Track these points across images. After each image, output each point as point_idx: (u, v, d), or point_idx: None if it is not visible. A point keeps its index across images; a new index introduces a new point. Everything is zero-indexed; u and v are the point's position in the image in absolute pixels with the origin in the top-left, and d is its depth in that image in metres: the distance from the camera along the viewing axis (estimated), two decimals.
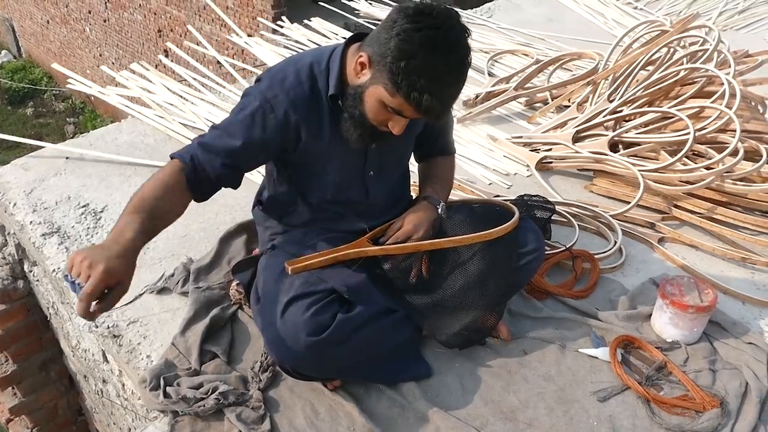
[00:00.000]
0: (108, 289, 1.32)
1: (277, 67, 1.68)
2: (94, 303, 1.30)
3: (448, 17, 1.45)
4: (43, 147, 2.85)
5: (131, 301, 2.04)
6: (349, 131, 1.62)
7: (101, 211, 2.42)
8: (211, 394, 1.69)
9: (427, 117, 1.52)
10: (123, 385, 2.11)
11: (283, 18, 4.48)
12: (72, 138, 2.98)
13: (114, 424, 2.53)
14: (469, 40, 1.48)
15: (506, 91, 3.28)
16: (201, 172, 1.58)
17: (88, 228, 2.33)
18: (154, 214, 1.47)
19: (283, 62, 1.70)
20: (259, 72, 3.04)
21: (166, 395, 1.70)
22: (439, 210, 1.85)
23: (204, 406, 1.67)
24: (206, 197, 1.65)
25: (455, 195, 2.53)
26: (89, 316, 1.31)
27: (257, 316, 1.80)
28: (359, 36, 1.65)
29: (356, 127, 1.60)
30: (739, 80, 2.82)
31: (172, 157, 1.60)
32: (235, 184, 1.68)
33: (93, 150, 2.77)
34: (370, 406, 1.74)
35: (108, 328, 1.97)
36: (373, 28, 1.56)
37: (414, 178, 2.05)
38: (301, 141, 1.65)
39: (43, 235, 2.31)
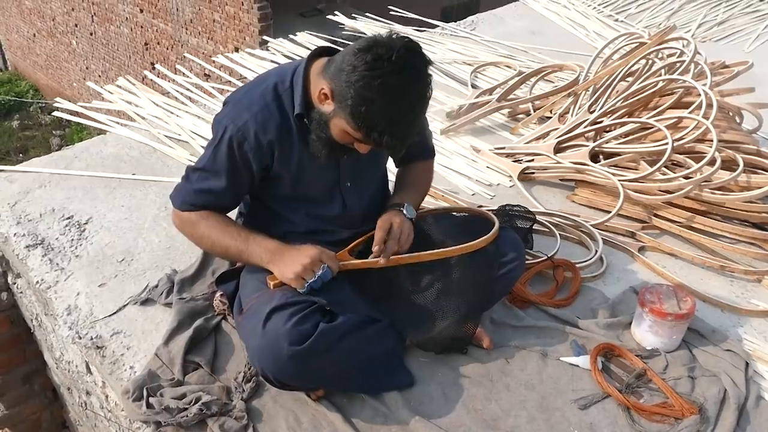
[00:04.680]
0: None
1: (241, 91, 1.72)
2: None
3: (408, 55, 1.47)
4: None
5: (114, 313, 2.04)
6: (318, 150, 1.66)
7: (85, 223, 2.42)
8: (194, 404, 1.70)
9: (388, 151, 1.66)
10: (106, 396, 2.10)
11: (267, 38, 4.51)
12: (57, 151, 2.98)
13: None
14: (430, 69, 1.53)
15: (489, 102, 3.31)
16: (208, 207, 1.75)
17: (72, 240, 2.34)
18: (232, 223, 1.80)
19: (247, 85, 1.74)
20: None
21: (149, 406, 1.71)
22: (404, 211, 1.84)
23: (187, 416, 1.67)
24: None
25: (437, 205, 2.56)
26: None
27: (240, 326, 1.81)
28: (321, 51, 1.68)
29: (324, 146, 1.64)
30: (716, 91, 2.86)
31: (182, 209, 1.76)
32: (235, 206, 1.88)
33: (77, 162, 2.78)
34: (353, 415, 1.75)
35: (91, 339, 1.97)
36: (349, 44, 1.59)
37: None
38: (275, 160, 1.69)
39: (27, 247, 2.31)
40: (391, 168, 2.04)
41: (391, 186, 2.05)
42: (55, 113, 3.49)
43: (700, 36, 4.71)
